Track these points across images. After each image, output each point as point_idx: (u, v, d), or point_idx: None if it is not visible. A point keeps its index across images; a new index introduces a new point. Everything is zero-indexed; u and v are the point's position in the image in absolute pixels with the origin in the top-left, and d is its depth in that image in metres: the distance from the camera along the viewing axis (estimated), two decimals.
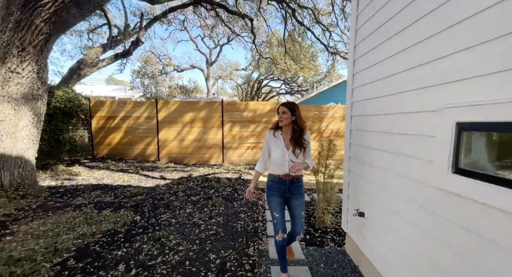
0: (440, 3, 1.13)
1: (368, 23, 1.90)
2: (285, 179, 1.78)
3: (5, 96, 3.12)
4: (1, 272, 1.78)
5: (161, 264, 2.08)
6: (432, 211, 1.17)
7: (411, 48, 1.36)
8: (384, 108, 1.66)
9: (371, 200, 1.85)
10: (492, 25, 0.89)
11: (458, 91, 1.04)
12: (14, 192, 3.20)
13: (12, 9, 2.98)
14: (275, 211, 1.80)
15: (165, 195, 3.95)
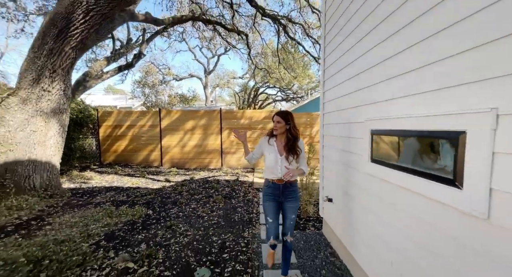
0: (357, 57, 1.78)
1: (328, 57, 2.56)
2: (278, 183, 1.82)
3: (38, 110, 3.71)
4: (53, 249, 2.32)
5: (174, 244, 2.63)
6: (365, 188, 1.78)
7: (348, 81, 2.00)
8: (338, 119, 2.29)
9: (334, 187, 2.45)
10: (379, 74, 1.53)
11: (373, 110, 1.67)
12: (43, 192, 3.74)
13: (47, 40, 3.61)
14: (268, 216, 1.84)
15: (171, 195, 4.50)
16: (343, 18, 2.11)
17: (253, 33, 12.52)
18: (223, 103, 31.78)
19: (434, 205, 1.05)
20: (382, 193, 1.51)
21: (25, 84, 3.62)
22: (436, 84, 1.05)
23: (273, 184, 1.85)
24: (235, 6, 10.45)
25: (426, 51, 1.12)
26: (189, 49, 21.15)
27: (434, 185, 1.02)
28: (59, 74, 3.81)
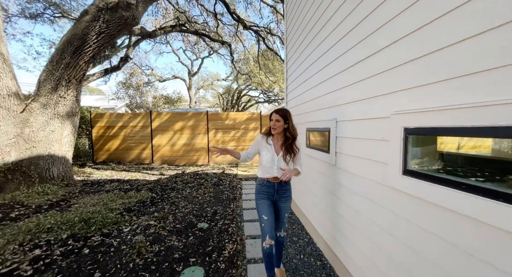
0: (315, 71, 2.94)
1: (290, 76, 3.72)
2: (273, 182, 1.81)
3: (56, 114, 4.45)
4: (90, 216, 3.18)
5: (179, 212, 3.60)
6: (323, 173, 2.93)
7: (307, 92, 3.15)
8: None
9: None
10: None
11: (307, 116, 2.83)
12: (61, 182, 4.48)
13: (64, 55, 4.37)
14: (263, 213, 1.79)
15: (168, 183, 5.40)
16: (293, 52, 3.27)
17: (235, 42, 13.55)
18: (207, 104, 32.35)
19: (320, 163, 2.20)
20: (312, 163, 2.66)
21: (45, 92, 4.34)
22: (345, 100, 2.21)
23: (267, 183, 1.82)
24: (218, 15, 11.43)
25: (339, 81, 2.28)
26: (173, 51, 21.60)
27: (322, 153, 2.17)
28: (73, 83, 4.58)
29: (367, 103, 1.54)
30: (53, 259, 2.18)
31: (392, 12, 1.25)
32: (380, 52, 1.37)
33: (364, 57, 1.53)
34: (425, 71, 1.07)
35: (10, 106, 3.96)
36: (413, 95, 1.14)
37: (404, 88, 1.20)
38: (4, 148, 3.92)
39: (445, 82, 0.97)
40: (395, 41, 1.24)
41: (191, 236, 2.76)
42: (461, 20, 0.90)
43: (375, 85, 1.44)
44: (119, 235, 2.72)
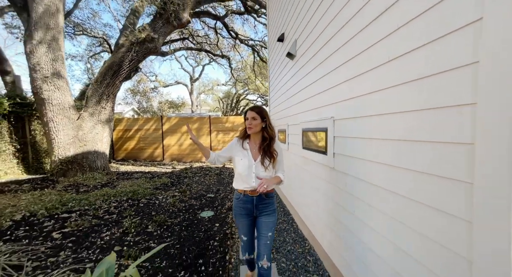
0: (285, 88, 4.48)
1: (271, 88, 5.26)
2: (251, 195, 1.54)
3: (99, 120, 5.98)
4: (134, 189, 4.68)
5: (192, 189, 5.10)
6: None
7: (284, 102, 4.69)
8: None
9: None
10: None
11: (299, 117, 4.37)
12: (102, 171, 6.00)
13: (106, 77, 5.92)
14: (242, 234, 1.63)
15: (181, 174, 6.91)
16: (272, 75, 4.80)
17: (234, 51, 15.11)
18: (207, 107, 33.96)
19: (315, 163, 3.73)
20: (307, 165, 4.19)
21: (91, 104, 5.88)
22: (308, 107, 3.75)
23: (245, 197, 1.56)
24: (218, 30, 13.02)
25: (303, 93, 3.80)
26: (176, 59, 23.25)
27: (317, 154, 3.69)
28: (110, 97, 6.12)
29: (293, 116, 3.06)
30: (125, 207, 3.69)
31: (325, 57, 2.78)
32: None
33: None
34: (307, 104, 2.58)
35: (70, 115, 5.49)
36: (306, 113, 2.66)
37: (303, 111, 2.72)
38: (66, 146, 5.44)
39: (313, 110, 2.48)
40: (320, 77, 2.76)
41: (204, 200, 4.27)
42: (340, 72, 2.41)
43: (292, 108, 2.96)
44: (158, 199, 4.23)
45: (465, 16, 0.80)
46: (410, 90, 1.05)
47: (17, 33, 10.77)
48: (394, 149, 1.16)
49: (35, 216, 3.13)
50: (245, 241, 1.65)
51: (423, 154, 0.99)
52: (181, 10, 6.31)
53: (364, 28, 1.40)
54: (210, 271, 2.10)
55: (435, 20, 0.92)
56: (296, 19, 2.85)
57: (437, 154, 0.92)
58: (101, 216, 3.27)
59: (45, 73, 5.04)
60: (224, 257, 2.32)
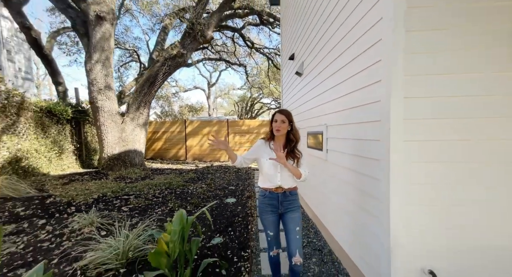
0: (297, 90, 5.26)
1: (283, 96, 6.04)
2: (276, 192, 1.66)
3: (137, 124, 7.10)
4: (169, 182, 5.64)
5: (216, 183, 5.98)
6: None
7: (294, 109, 5.48)
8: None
9: None
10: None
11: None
12: (140, 167, 7.09)
13: (144, 88, 7.04)
14: (268, 230, 1.71)
15: (204, 171, 7.86)
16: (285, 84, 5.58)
17: (249, 59, 16.09)
18: (223, 110, 35.34)
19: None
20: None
21: (132, 110, 7.01)
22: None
23: (270, 194, 1.67)
24: (235, 39, 14.04)
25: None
26: (195, 65, 24.80)
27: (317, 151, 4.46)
28: (147, 104, 7.24)
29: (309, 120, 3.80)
30: (165, 194, 4.64)
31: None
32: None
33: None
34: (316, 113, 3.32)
35: (116, 120, 6.65)
36: (310, 120, 3.40)
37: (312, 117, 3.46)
38: (113, 145, 6.59)
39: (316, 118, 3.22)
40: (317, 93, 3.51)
41: (226, 190, 5.12)
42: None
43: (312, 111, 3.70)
44: (189, 189, 5.15)
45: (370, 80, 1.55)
46: (354, 111, 1.81)
47: (64, 49, 12.53)
48: (352, 143, 1.91)
49: (106, 196, 4.17)
50: (271, 236, 1.71)
51: (357, 143, 1.74)
52: (206, 29, 7.31)
53: (338, 70, 2.15)
54: (237, 235, 2.91)
55: (362, 78, 1.67)
56: (303, 45, 3.62)
57: (357, 143, 1.67)
58: (151, 199, 4.23)
59: (100, 86, 6.22)
60: (247, 227, 3.13)
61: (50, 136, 6.19)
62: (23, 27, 7.50)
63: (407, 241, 1.42)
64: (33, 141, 5.55)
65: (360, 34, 1.78)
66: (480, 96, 1.35)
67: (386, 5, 1.43)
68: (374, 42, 1.57)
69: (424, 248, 1.43)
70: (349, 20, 1.97)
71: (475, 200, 1.39)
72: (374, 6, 1.56)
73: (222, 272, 2.12)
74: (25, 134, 5.33)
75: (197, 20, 7.11)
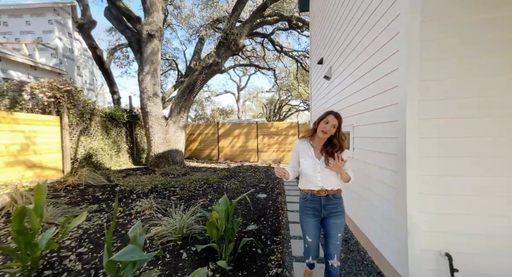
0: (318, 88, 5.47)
1: (312, 98, 6.25)
2: (318, 196, 1.56)
3: (178, 126, 7.99)
4: (206, 178, 6.29)
5: (247, 181, 6.44)
6: None
7: (323, 111, 5.67)
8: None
9: None
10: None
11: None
12: (180, 165, 7.95)
13: (184, 94, 7.91)
14: (307, 235, 1.60)
15: (235, 170, 8.41)
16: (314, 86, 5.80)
17: (278, 62, 16.46)
18: (251, 113, 36.27)
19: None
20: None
21: (174, 114, 7.93)
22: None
23: (312, 196, 1.58)
24: (264, 44, 14.55)
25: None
26: (226, 71, 26.13)
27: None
28: (186, 109, 8.10)
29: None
30: (204, 188, 5.24)
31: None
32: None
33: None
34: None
35: (161, 123, 7.61)
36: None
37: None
38: (159, 145, 7.55)
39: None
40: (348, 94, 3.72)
41: (257, 187, 5.52)
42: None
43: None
44: (224, 184, 5.69)
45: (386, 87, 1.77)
46: (376, 113, 2.02)
47: (117, 62, 14.55)
48: (374, 141, 2.12)
49: (157, 188, 4.93)
50: (310, 243, 1.57)
51: (379, 141, 1.94)
52: (239, 38, 7.90)
53: (362, 76, 2.38)
54: (269, 224, 3.27)
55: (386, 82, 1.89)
56: (332, 51, 3.85)
57: (378, 141, 1.88)
58: (193, 191, 4.85)
59: (149, 94, 7.23)
60: (278, 218, 3.47)
61: (111, 137, 7.41)
62: (91, 46, 9.07)
63: (424, 226, 1.62)
64: (99, 141, 6.74)
65: (380, 45, 2.01)
66: (485, 98, 1.51)
67: (402, 21, 1.66)
68: (392, 53, 1.80)
69: (441, 233, 1.61)
70: (370, 34, 2.21)
71: (485, 189, 1.53)
72: (392, 22, 1.79)
73: (258, 251, 2.50)
74: (95, 135, 6.52)
75: (230, 30, 7.75)
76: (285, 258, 2.37)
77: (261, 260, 2.32)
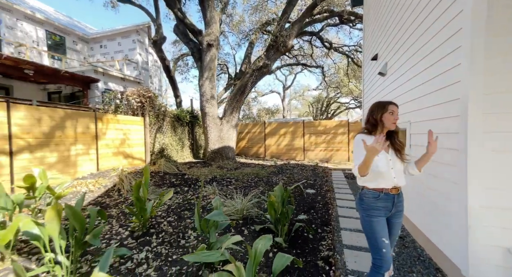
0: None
1: (365, 96, 6.03)
2: (393, 194, 1.48)
3: (231, 125, 8.80)
4: (256, 173, 6.81)
5: (295, 177, 6.66)
6: None
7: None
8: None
9: None
10: None
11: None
12: (232, 160, 8.75)
13: (236, 96, 8.65)
14: (383, 236, 1.43)
15: (282, 167, 8.71)
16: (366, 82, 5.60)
17: (327, 58, 15.92)
18: (297, 112, 35.87)
19: None
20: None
21: (227, 114, 8.76)
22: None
23: (385, 195, 1.47)
24: (312, 41, 14.33)
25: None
26: (274, 72, 26.65)
27: None
28: (238, 109, 8.83)
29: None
30: (255, 181, 5.74)
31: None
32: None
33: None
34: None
35: (216, 123, 8.54)
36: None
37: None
38: (214, 142, 8.50)
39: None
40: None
41: (305, 183, 5.70)
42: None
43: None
44: (273, 179, 6.08)
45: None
46: (435, 108, 2.00)
47: (179, 70, 16.72)
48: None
49: (216, 178, 5.71)
50: (387, 245, 1.41)
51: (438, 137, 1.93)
52: (288, 39, 8.16)
53: (422, 72, 2.33)
54: (319, 215, 3.47)
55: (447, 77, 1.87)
56: (387, 46, 3.74)
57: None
58: (246, 183, 5.41)
59: (207, 97, 8.23)
60: (327, 212, 3.63)
61: (177, 135, 8.76)
62: (161, 58, 10.81)
63: (485, 222, 1.60)
64: (169, 138, 8.08)
65: (442, 40, 1.99)
66: None
67: (465, 16, 1.67)
68: (454, 48, 1.80)
69: (504, 229, 1.56)
70: (431, 30, 2.18)
71: None
72: (455, 18, 1.79)
73: (309, 236, 2.76)
74: (166, 133, 7.87)
75: (280, 33, 8.08)
76: (335, 244, 2.56)
77: (313, 244, 2.57)
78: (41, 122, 4.26)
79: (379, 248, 1.41)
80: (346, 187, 5.41)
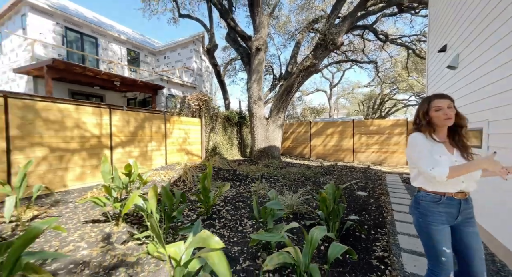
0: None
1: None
2: (457, 199, 1.30)
3: (277, 126, 9.02)
4: (302, 172, 6.86)
5: (344, 179, 6.42)
6: None
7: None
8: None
9: None
10: None
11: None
12: (277, 160, 8.98)
13: (282, 96, 8.83)
14: (445, 245, 1.28)
15: (329, 168, 8.46)
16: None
17: (381, 52, 14.52)
18: (345, 110, 33.67)
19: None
20: None
21: (273, 115, 9.02)
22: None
23: (448, 200, 1.30)
24: (364, 35, 13.31)
25: None
26: (321, 70, 25.75)
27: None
28: (284, 110, 8.99)
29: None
30: (303, 180, 5.81)
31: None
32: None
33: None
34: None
35: (263, 123, 8.90)
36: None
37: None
38: (261, 142, 8.89)
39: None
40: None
41: (355, 185, 5.47)
42: None
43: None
44: (320, 180, 6.03)
45: None
46: None
47: (227, 73, 17.90)
48: None
49: (264, 175, 6.05)
50: (448, 254, 1.27)
51: None
52: (337, 36, 7.89)
53: (504, 64, 2.05)
54: (371, 217, 3.36)
55: None
56: (460, 35, 3.32)
57: None
58: (293, 181, 5.56)
59: (255, 99, 8.67)
60: (381, 214, 3.48)
61: (227, 134, 9.51)
62: (213, 64, 11.84)
63: None
64: (220, 137, 8.87)
65: None
66: None
67: None
68: None
69: None
70: None
71: None
72: None
73: (362, 236, 2.74)
74: (218, 133, 8.67)
75: (328, 31, 7.88)
76: (391, 247, 2.49)
77: (366, 243, 2.56)
78: (129, 123, 5.37)
79: (437, 256, 1.29)
80: (403, 192, 4.97)
